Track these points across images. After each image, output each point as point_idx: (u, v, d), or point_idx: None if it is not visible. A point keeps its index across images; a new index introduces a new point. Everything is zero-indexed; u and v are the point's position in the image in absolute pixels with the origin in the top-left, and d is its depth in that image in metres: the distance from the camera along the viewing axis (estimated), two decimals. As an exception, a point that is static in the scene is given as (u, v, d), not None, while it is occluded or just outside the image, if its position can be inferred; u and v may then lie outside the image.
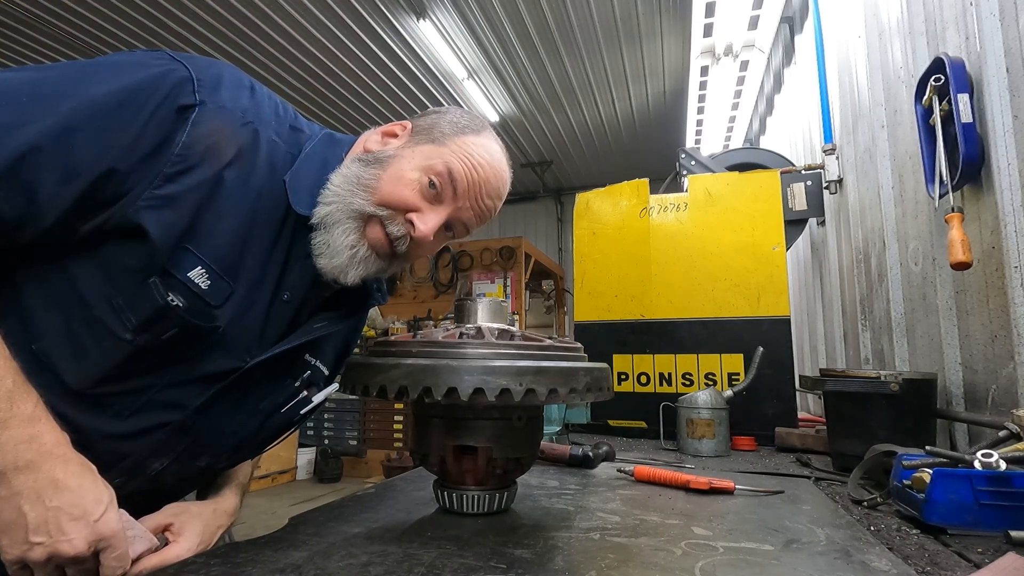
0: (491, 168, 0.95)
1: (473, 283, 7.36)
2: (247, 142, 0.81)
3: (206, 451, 0.89)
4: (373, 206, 0.89)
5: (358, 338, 1.17)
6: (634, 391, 2.04)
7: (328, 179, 0.89)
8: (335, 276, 0.89)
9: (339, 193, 0.88)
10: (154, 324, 0.76)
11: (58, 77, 0.73)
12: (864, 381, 1.37)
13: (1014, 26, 1.25)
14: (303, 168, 0.88)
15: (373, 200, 0.89)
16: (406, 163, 0.91)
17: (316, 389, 1.00)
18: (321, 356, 1.01)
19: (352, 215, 0.88)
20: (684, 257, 2.06)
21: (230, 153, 0.79)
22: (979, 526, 0.85)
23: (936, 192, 1.46)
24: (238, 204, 0.81)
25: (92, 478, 0.71)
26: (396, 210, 0.90)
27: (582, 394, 0.80)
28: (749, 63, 4.32)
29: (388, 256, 0.93)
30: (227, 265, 0.81)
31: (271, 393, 0.93)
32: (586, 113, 7.88)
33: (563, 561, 0.70)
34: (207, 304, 0.79)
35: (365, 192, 0.88)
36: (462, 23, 5.78)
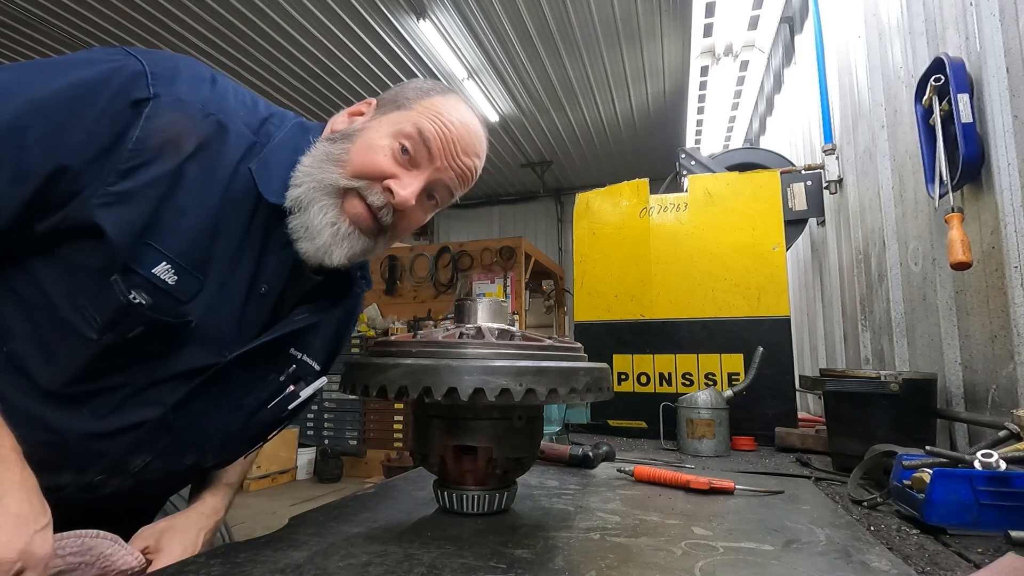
0: (463, 125, 0.91)
1: (473, 283, 7.36)
2: (210, 134, 0.79)
3: (191, 448, 0.88)
4: (347, 179, 0.86)
5: (351, 331, 1.14)
6: (634, 391, 2.04)
7: (299, 162, 0.87)
8: (319, 258, 0.86)
9: (309, 172, 0.86)
10: (119, 323, 0.74)
11: (10, 78, 0.72)
12: (864, 381, 1.37)
13: (1014, 26, 1.25)
14: (273, 157, 0.86)
15: (345, 173, 0.86)
16: (375, 132, 0.89)
17: (304, 384, 0.98)
18: (308, 350, 0.98)
19: (326, 191, 0.85)
20: (684, 257, 2.06)
21: (190, 146, 0.77)
22: (979, 526, 0.85)
23: (936, 192, 1.46)
24: (203, 198, 0.79)
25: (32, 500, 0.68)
26: (372, 179, 0.87)
27: (582, 394, 0.80)
28: (749, 63, 4.32)
29: (373, 231, 0.90)
30: (195, 259, 0.79)
31: (255, 389, 0.91)
32: (586, 113, 7.88)
33: (563, 561, 0.70)
34: (176, 300, 0.77)
35: (336, 166, 0.86)
36: (462, 23, 5.78)
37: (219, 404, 0.87)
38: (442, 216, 11.98)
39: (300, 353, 0.96)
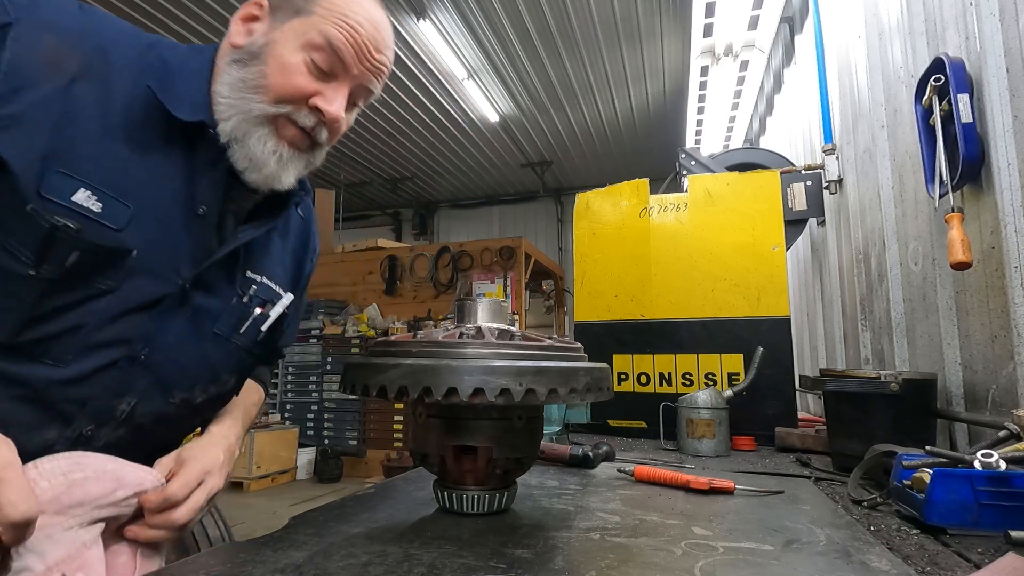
0: (370, 23, 0.89)
1: (473, 283, 7.36)
2: (91, 55, 0.78)
3: (174, 384, 0.88)
4: (273, 105, 0.85)
5: (310, 255, 1.14)
6: (634, 391, 2.05)
7: (215, 91, 0.85)
8: (270, 185, 0.89)
9: (233, 103, 0.85)
10: (50, 251, 0.73)
11: None
12: (864, 381, 1.37)
13: (1014, 26, 1.25)
14: (174, 76, 0.84)
15: (268, 99, 0.85)
16: (282, 48, 0.86)
17: (271, 306, 0.98)
18: (269, 274, 0.98)
19: (258, 122, 0.85)
20: (684, 257, 2.06)
21: (72, 67, 0.75)
22: (979, 526, 0.85)
23: (936, 192, 1.46)
24: (104, 120, 0.78)
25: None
26: (297, 102, 0.86)
27: (582, 394, 0.80)
28: (749, 63, 4.32)
29: (309, 148, 0.92)
30: (115, 185, 0.77)
31: (221, 315, 0.91)
32: (586, 113, 7.88)
33: (563, 561, 0.70)
34: (107, 228, 0.76)
35: (257, 94, 0.85)
36: (462, 23, 5.79)
37: (189, 335, 0.87)
38: (442, 216, 11.99)
39: (259, 276, 0.96)
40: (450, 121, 8.02)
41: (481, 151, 9.20)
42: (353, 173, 10.05)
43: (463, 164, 9.77)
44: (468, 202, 11.73)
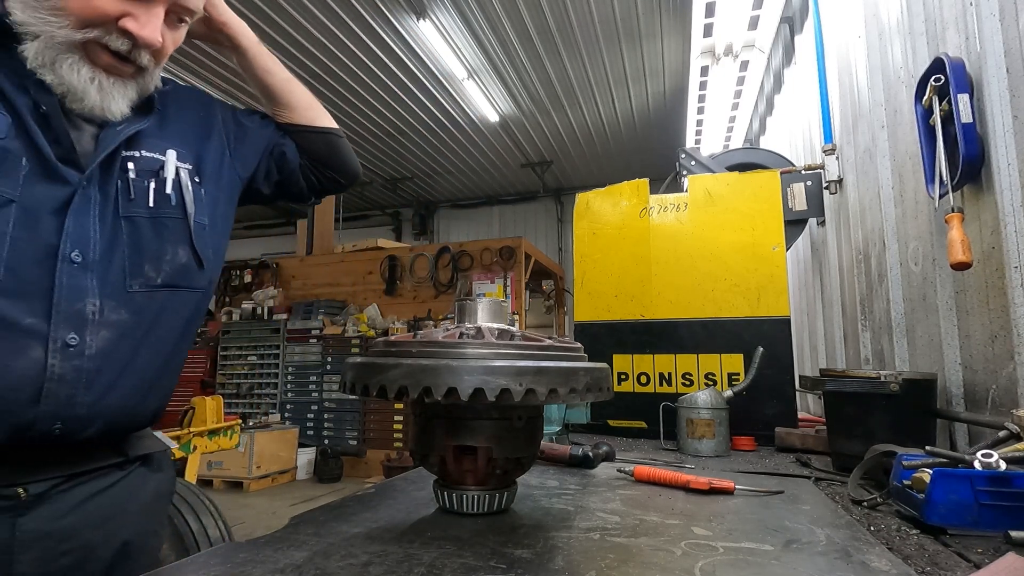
0: None
1: (473, 283, 7.36)
2: None
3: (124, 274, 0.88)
4: (78, 31, 0.80)
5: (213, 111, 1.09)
6: (634, 391, 2.05)
7: (8, 6, 0.80)
8: (103, 116, 0.86)
9: (32, 27, 0.80)
10: None
11: None
12: (864, 381, 1.37)
13: (1014, 26, 1.25)
14: None
15: (72, 24, 0.80)
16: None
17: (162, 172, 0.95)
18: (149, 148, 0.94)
19: (64, 48, 0.81)
20: (684, 257, 2.06)
21: None
22: (979, 526, 0.85)
23: (936, 192, 1.46)
24: None
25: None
26: (104, 24, 0.81)
27: (582, 394, 0.80)
28: (749, 63, 4.32)
29: (134, 72, 0.88)
30: None
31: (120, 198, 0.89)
32: (586, 113, 7.88)
33: (563, 561, 0.70)
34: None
35: (56, 17, 0.80)
36: (462, 23, 5.79)
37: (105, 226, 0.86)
38: (442, 216, 12.00)
39: (135, 152, 0.92)
40: (450, 121, 8.02)
41: (481, 151, 9.20)
42: (353, 173, 10.03)
43: (463, 164, 9.77)
44: (468, 202, 11.73)
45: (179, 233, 0.96)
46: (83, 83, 0.83)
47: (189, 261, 0.97)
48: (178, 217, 0.95)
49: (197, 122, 1.05)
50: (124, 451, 0.94)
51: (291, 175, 1.20)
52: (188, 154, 0.99)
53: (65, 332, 0.80)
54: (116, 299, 0.86)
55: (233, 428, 4.18)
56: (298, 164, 1.20)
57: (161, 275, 0.92)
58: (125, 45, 0.83)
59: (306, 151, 1.20)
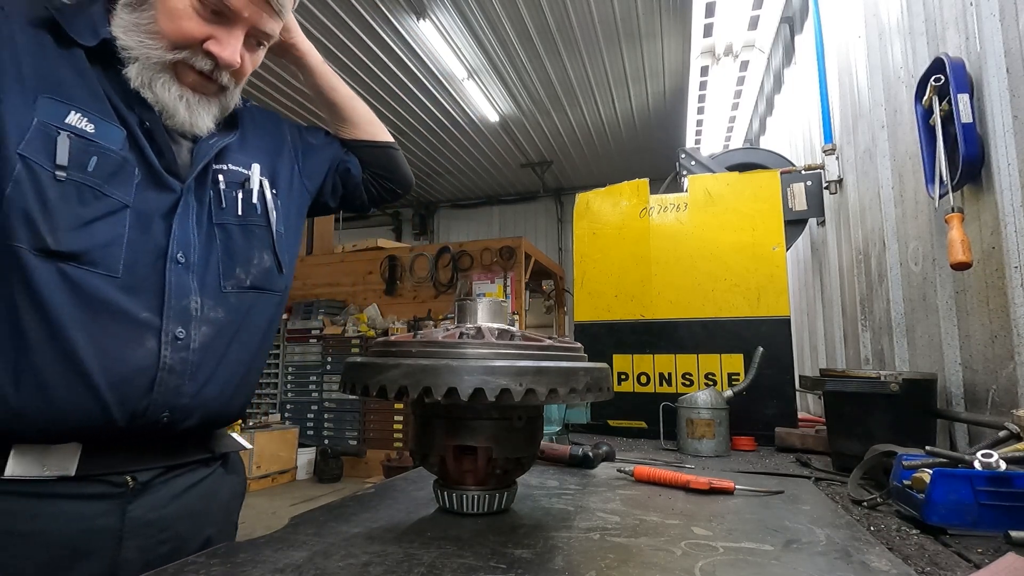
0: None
1: (473, 283, 7.36)
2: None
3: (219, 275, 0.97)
4: (169, 52, 0.89)
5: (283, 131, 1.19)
6: (634, 391, 2.05)
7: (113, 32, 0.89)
8: (191, 131, 0.95)
9: (132, 49, 0.88)
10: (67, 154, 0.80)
11: None
12: (864, 381, 1.37)
13: (1014, 26, 1.25)
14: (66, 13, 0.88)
15: (165, 46, 0.89)
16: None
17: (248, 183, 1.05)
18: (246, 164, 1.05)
19: (157, 68, 0.89)
20: (684, 257, 2.06)
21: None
22: (979, 526, 0.85)
23: (936, 192, 1.46)
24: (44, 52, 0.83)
25: None
26: (191, 47, 0.90)
27: (582, 394, 0.80)
28: (749, 63, 4.31)
29: (216, 92, 0.97)
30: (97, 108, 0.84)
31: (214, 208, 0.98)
32: (586, 113, 7.88)
33: (563, 561, 0.70)
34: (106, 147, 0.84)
35: (152, 40, 0.89)
36: (462, 23, 5.79)
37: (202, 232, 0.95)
38: (442, 216, 12.00)
39: (223, 165, 1.02)
40: (450, 121, 8.02)
41: (481, 151, 9.20)
42: (353, 173, 10.04)
43: (463, 164, 9.78)
44: (468, 202, 11.73)
45: (264, 240, 1.06)
46: (173, 100, 0.91)
47: (272, 265, 1.07)
48: (263, 225, 1.06)
49: (270, 139, 1.15)
50: (211, 448, 1.01)
51: (355, 189, 1.31)
52: (265, 168, 1.09)
53: (175, 326, 0.88)
54: (213, 298, 0.95)
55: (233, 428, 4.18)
56: (361, 178, 1.31)
57: (249, 277, 1.02)
58: (208, 65, 0.92)
59: (368, 165, 1.31)
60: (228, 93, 0.99)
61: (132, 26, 0.89)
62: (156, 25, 0.88)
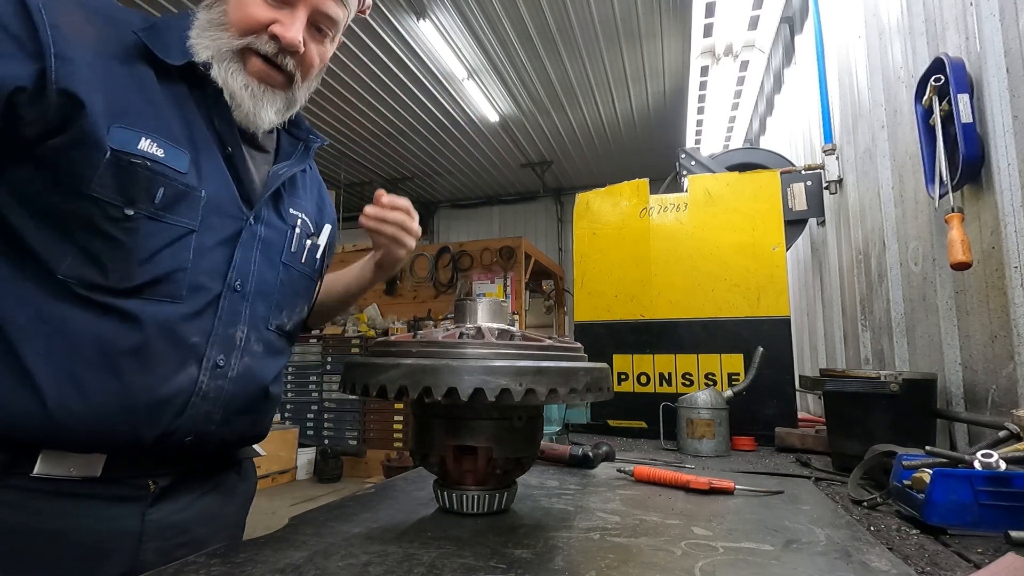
0: None
1: (473, 283, 7.36)
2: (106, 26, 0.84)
3: (269, 312, 0.98)
4: (236, 39, 0.91)
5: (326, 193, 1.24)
6: (634, 391, 2.05)
7: (190, 36, 0.91)
8: (254, 123, 0.94)
9: (203, 43, 0.90)
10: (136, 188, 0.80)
11: None
12: (864, 381, 1.37)
13: (1014, 26, 1.25)
14: (162, 31, 0.90)
15: (232, 34, 0.91)
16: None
17: (317, 237, 1.10)
18: (304, 211, 1.08)
19: (225, 57, 0.90)
20: (684, 257, 2.06)
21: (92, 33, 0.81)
22: (979, 526, 0.85)
23: (936, 192, 1.46)
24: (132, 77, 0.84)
25: None
26: (257, 32, 0.91)
27: (582, 394, 0.80)
28: (749, 63, 4.31)
29: (282, 83, 0.97)
30: (166, 133, 0.85)
31: (283, 245, 1.01)
32: (586, 113, 7.88)
33: (563, 561, 0.70)
34: (174, 171, 0.84)
35: (221, 30, 0.91)
36: (462, 23, 5.78)
37: (266, 265, 0.97)
38: (442, 216, 11.99)
39: (299, 212, 1.06)
40: (450, 121, 8.02)
41: (481, 151, 9.20)
42: (353, 173, 10.05)
43: (463, 164, 9.77)
44: (468, 202, 11.73)
45: (309, 292, 1.11)
46: (239, 88, 0.91)
47: (304, 319, 1.12)
48: (315, 279, 1.11)
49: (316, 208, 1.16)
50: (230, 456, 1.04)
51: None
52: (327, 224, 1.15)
53: (218, 353, 0.89)
54: (257, 331, 0.96)
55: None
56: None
57: (290, 323, 1.05)
58: (272, 48, 0.92)
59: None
60: (295, 87, 0.99)
61: (206, 24, 0.91)
62: (226, 16, 0.91)
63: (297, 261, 1.04)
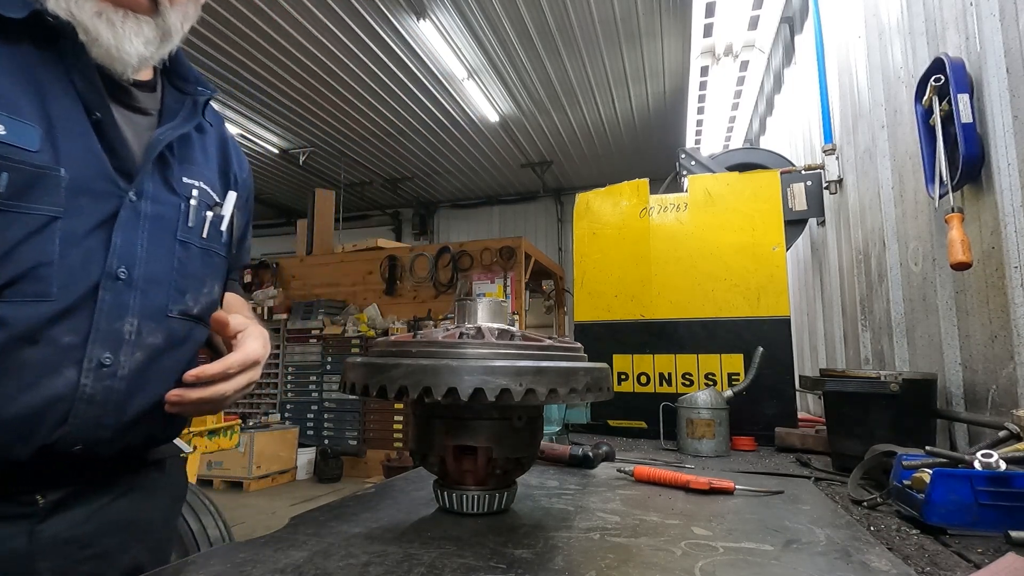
0: None
1: (473, 283, 7.36)
2: None
3: (167, 298, 0.87)
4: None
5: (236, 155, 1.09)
6: (634, 391, 2.05)
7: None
8: (116, 64, 0.82)
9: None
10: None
11: None
12: (864, 381, 1.37)
13: (1014, 26, 1.25)
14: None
15: None
16: None
17: (220, 207, 0.98)
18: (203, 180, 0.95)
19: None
20: (684, 257, 2.06)
21: None
22: (979, 526, 0.85)
23: (936, 192, 1.46)
24: None
25: None
26: None
27: (582, 394, 0.80)
28: (749, 63, 4.32)
29: (146, 7, 0.83)
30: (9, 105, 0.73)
31: (177, 221, 0.89)
32: (586, 113, 7.88)
33: (563, 561, 0.70)
34: (21, 150, 0.73)
35: None
36: (462, 23, 5.79)
37: (157, 245, 0.86)
38: (442, 216, 12.00)
39: (195, 180, 0.93)
40: (450, 121, 8.02)
41: (481, 151, 9.20)
42: (353, 173, 10.05)
43: (463, 164, 9.77)
44: (468, 202, 11.73)
45: (219, 270, 0.99)
46: (90, 17, 0.78)
47: (217, 298, 1.00)
48: (222, 255, 0.99)
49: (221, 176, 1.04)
50: (141, 458, 0.94)
51: None
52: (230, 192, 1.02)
53: (101, 351, 0.79)
54: (155, 321, 0.85)
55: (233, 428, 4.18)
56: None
57: (198, 306, 0.94)
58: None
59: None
60: (163, 9, 0.85)
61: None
62: None
63: (197, 237, 0.92)
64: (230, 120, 7.87)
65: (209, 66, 6.52)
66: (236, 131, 8.15)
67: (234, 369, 0.84)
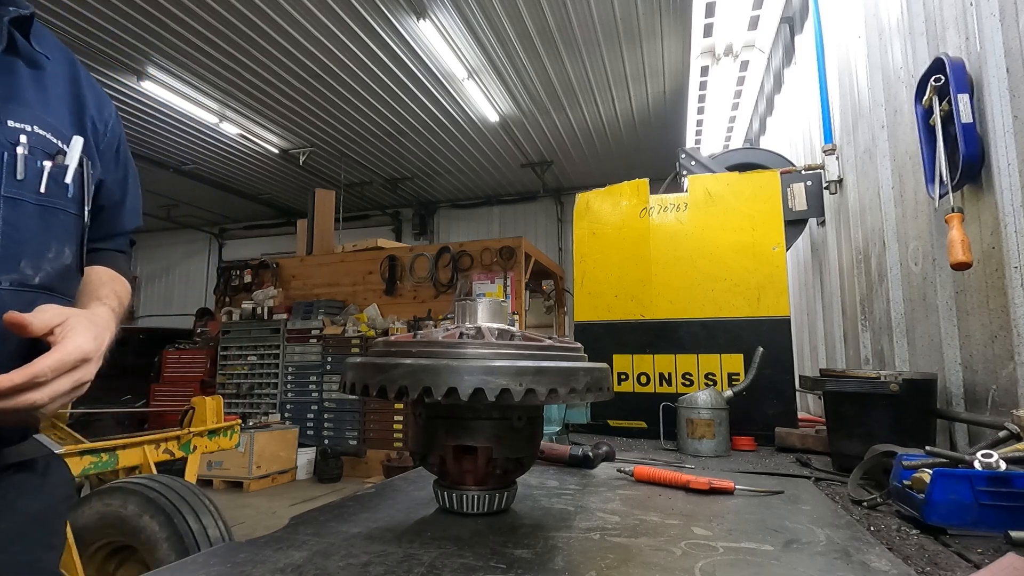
0: None
1: (473, 283, 7.36)
2: None
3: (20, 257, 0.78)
4: None
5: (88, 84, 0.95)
6: (634, 391, 2.04)
7: None
8: None
9: None
10: None
11: None
12: (864, 381, 1.37)
13: (1014, 26, 1.25)
14: None
15: None
16: None
17: (63, 157, 0.84)
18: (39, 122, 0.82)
19: None
20: (684, 257, 2.06)
21: None
22: (979, 526, 0.85)
23: (936, 192, 1.46)
24: None
25: None
26: None
27: (582, 394, 0.80)
28: (749, 63, 4.32)
29: None
30: None
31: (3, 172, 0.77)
32: (586, 113, 7.88)
33: (563, 561, 0.70)
34: None
35: None
36: (462, 23, 5.78)
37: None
38: (442, 216, 11.99)
39: (24, 124, 0.80)
40: (450, 121, 8.02)
41: (481, 151, 9.20)
42: (353, 173, 10.05)
43: (463, 164, 9.77)
44: (468, 202, 11.73)
45: (69, 230, 0.84)
46: None
47: (73, 264, 0.86)
48: (72, 212, 0.85)
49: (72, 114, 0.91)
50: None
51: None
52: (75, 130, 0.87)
53: None
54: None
55: (233, 428, 4.18)
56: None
57: (39, 275, 0.80)
58: None
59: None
60: None
61: None
62: None
63: (31, 191, 0.78)
64: (230, 120, 7.88)
65: (209, 66, 6.52)
66: (236, 131, 8.15)
67: (46, 375, 0.67)
